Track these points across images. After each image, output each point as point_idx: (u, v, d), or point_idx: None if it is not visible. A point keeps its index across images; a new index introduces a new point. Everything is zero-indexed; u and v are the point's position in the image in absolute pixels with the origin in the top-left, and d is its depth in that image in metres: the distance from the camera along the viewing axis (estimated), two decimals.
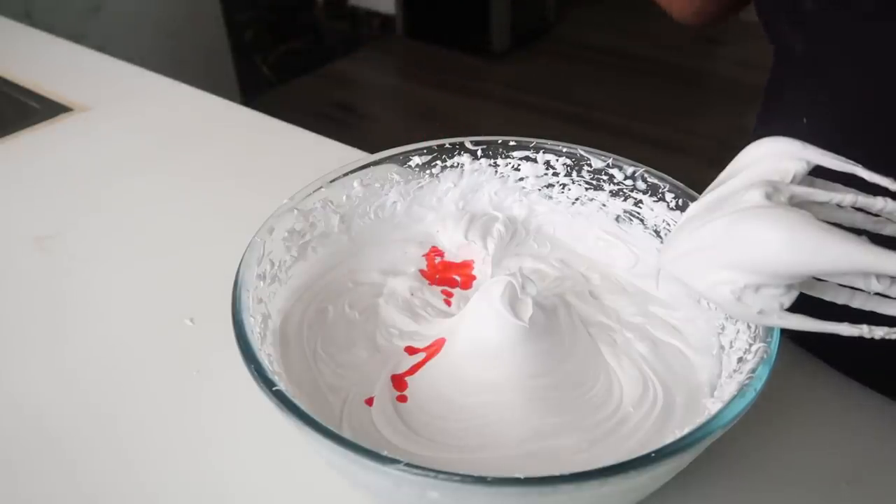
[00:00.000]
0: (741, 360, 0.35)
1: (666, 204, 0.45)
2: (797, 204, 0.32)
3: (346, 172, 0.46)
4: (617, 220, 0.48)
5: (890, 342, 0.30)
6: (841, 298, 0.32)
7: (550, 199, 0.50)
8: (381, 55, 2.80)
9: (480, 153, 0.49)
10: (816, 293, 0.32)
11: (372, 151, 0.49)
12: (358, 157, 0.54)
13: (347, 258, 0.47)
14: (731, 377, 0.36)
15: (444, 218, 0.50)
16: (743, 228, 0.31)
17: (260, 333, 0.37)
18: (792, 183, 0.32)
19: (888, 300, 0.31)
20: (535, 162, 0.49)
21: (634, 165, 0.46)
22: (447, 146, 0.49)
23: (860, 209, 0.32)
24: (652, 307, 0.44)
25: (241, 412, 0.43)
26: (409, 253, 0.48)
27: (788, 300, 0.32)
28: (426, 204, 0.50)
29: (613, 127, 2.20)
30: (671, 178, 0.45)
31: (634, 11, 2.36)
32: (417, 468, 0.28)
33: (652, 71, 2.50)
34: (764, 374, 0.32)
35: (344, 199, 0.47)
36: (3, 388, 0.47)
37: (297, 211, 0.44)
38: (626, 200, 0.47)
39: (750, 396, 0.31)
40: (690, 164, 1.90)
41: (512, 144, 0.49)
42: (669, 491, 0.36)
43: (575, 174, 0.48)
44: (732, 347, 0.37)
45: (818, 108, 0.46)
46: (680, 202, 0.44)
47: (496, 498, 0.29)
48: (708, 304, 0.40)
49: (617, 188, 0.47)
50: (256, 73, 2.45)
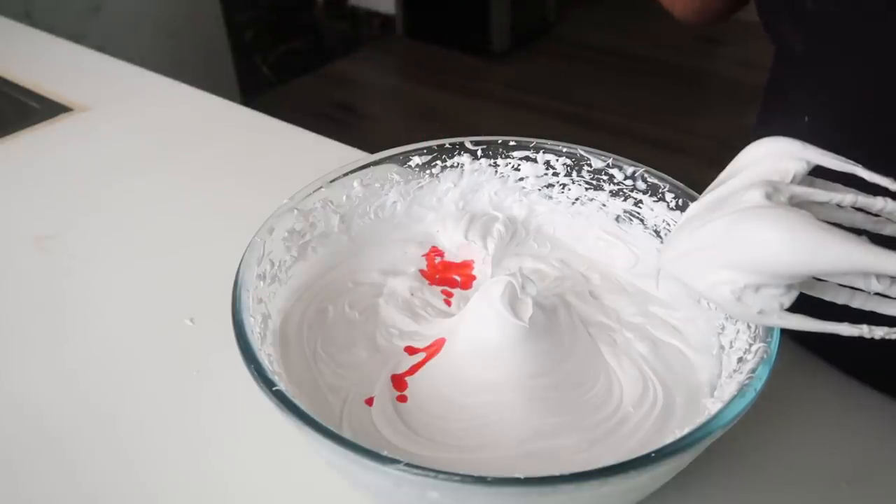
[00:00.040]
0: (741, 360, 0.35)
1: (666, 204, 0.45)
2: (797, 204, 0.32)
3: (346, 172, 0.46)
4: (617, 220, 0.48)
5: (890, 342, 0.30)
6: (841, 298, 0.32)
7: (550, 199, 0.50)
8: (381, 55, 2.80)
9: (480, 153, 0.49)
10: (816, 293, 0.32)
11: (372, 151, 0.49)
12: (358, 157, 0.54)
13: (347, 258, 0.47)
14: (731, 377, 0.36)
15: (444, 218, 0.50)
16: (743, 228, 0.31)
17: (260, 333, 0.37)
18: (792, 183, 0.32)
19: (888, 300, 0.31)
20: (535, 162, 0.49)
21: (634, 165, 0.46)
22: (447, 146, 0.49)
23: (860, 209, 0.32)
24: (652, 307, 0.44)
25: (241, 412, 0.44)
26: (409, 253, 0.48)
27: (788, 300, 0.32)
28: (426, 204, 0.50)
29: (613, 127, 2.19)
30: (671, 178, 0.45)
31: (634, 11, 2.37)
32: (417, 468, 0.28)
33: (652, 71, 2.50)
34: (764, 374, 0.32)
35: (344, 199, 0.47)
36: (3, 388, 0.47)
37: (297, 211, 0.44)
38: (626, 200, 0.47)
39: (750, 396, 0.31)
40: (690, 164, 1.90)
41: (512, 144, 0.49)
42: (669, 491, 0.36)
43: (575, 174, 0.48)
44: (732, 347, 0.37)
45: (818, 107, 0.46)
46: (680, 202, 0.44)
47: (496, 498, 0.29)
48: (708, 304, 0.40)
49: (617, 188, 0.47)
50: (256, 73, 2.45)
